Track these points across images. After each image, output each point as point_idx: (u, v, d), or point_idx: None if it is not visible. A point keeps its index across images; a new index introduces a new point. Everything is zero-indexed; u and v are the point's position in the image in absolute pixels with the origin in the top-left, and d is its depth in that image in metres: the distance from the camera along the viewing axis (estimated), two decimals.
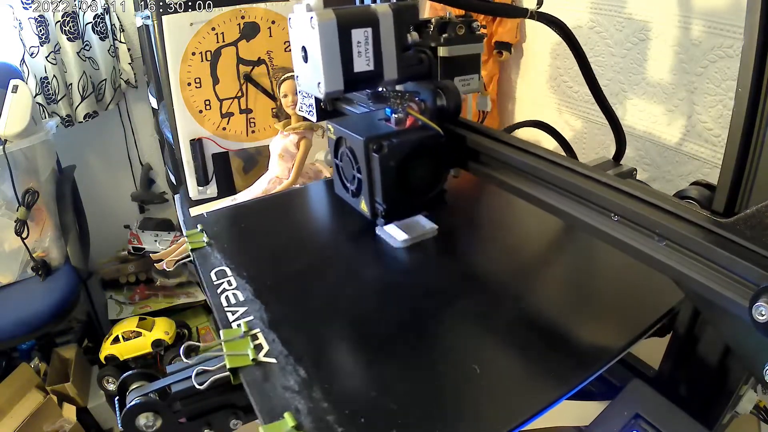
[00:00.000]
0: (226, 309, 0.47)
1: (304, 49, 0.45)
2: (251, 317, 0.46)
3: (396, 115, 0.50)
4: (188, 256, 0.59)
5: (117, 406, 0.42)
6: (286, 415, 0.35)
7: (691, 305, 0.41)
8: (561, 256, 0.59)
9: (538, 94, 1.15)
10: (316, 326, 0.46)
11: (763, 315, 0.28)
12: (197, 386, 0.39)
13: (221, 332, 0.44)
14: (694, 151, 0.85)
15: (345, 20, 0.43)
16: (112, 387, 1.36)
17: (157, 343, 1.40)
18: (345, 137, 0.50)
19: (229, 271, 0.53)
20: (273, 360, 0.41)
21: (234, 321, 0.45)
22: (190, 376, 0.40)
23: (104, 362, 1.39)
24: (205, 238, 0.59)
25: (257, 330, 0.44)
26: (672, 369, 0.44)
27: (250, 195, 0.95)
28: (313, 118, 0.63)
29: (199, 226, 0.61)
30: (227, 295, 0.49)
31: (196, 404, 0.42)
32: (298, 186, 0.79)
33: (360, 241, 0.59)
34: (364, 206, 0.51)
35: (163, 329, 1.43)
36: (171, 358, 1.41)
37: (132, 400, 0.40)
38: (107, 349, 1.38)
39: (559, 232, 0.61)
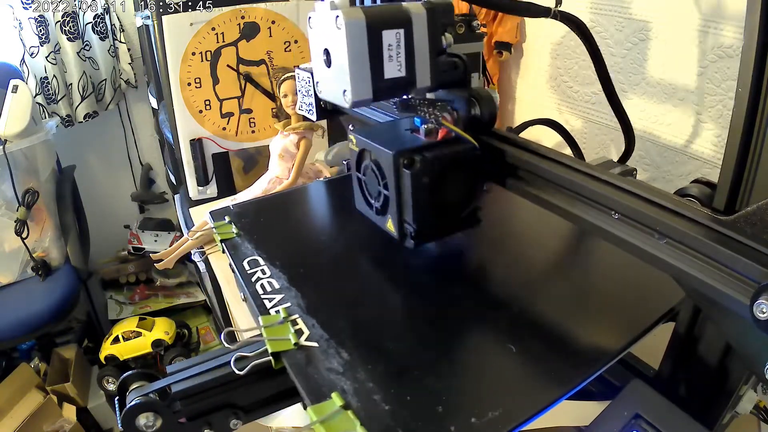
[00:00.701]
0: (262, 296, 0.48)
1: (326, 52, 0.40)
2: (289, 303, 0.46)
3: (426, 126, 0.46)
4: (189, 254, 0.59)
5: (117, 406, 0.42)
6: (334, 395, 0.35)
7: (692, 305, 0.41)
8: (561, 255, 0.59)
9: (538, 94, 1.15)
10: (352, 312, 0.47)
11: (764, 312, 0.28)
12: (237, 372, 0.39)
13: (260, 318, 0.44)
14: (694, 151, 0.85)
15: (375, 20, 0.38)
16: (112, 387, 1.36)
17: (157, 343, 1.40)
18: (370, 150, 0.46)
19: (261, 261, 0.53)
20: (314, 344, 0.41)
21: (272, 308, 0.46)
22: (191, 376, 0.40)
23: (104, 362, 1.39)
24: (234, 229, 0.59)
25: (296, 315, 0.45)
26: (672, 369, 0.44)
27: (250, 195, 0.95)
28: (313, 117, 0.63)
29: (227, 218, 0.62)
30: (262, 283, 0.50)
31: (196, 404, 0.42)
32: (323, 180, 0.79)
33: (382, 231, 0.59)
34: (390, 226, 0.47)
35: (163, 329, 1.43)
36: (171, 358, 1.41)
37: (132, 400, 0.40)
38: (107, 349, 1.39)
39: (558, 231, 0.61)
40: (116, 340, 1.39)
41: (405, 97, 0.49)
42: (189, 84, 1.14)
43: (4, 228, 1.27)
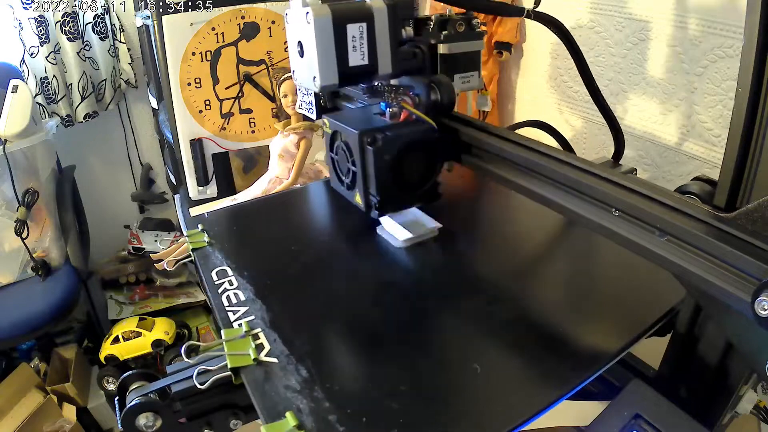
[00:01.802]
0: (227, 308, 0.47)
1: (300, 44, 0.46)
2: (252, 317, 0.46)
3: (390, 109, 0.51)
4: (189, 256, 0.59)
5: (117, 406, 0.42)
6: (288, 414, 0.35)
7: (691, 305, 0.41)
8: (561, 255, 0.59)
9: (538, 94, 1.15)
10: (317, 326, 0.46)
11: (765, 309, 0.28)
12: (198, 386, 0.39)
13: (222, 332, 0.44)
14: (694, 151, 0.84)
15: (340, 15, 0.43)
16: (112, 387, 1.36)
17: (157, 343, 1.40)
18: (340, 131, 0.51)
19: (230, 271, 0.53)
20: (274, 360, 0.41)
21: (235, 320, 0.45)
22: (191, 376, 0.40)
23: (104, 362, 1.39)
24: (206, 238, 0.59)
25: (258, 330, 0.44)
26: (672, 369, 0.44)
27: (250, 195, 0.95)
28: (313, 116, 0.63)
29: (200, 226, 0.61)
30: (228, 295, 0.49)
31: (196, 404, 0.42)
32: (298, 186, 0.79)
33: (361, 241, 0.59)
34: (358, 198, 0.51)
35: (163, 329, 1.43)
36: (171, 358, 1.41)
37: (132, 400, 0.40)
38: (107, 349, 1.38)
39: (558, 231, 0.61)
40: (116, 340, 1.39)
41: (373, 84, 0.54)
42: (189, 84, 1.14)
43: (4, 228, 1.27)
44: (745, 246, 0.30)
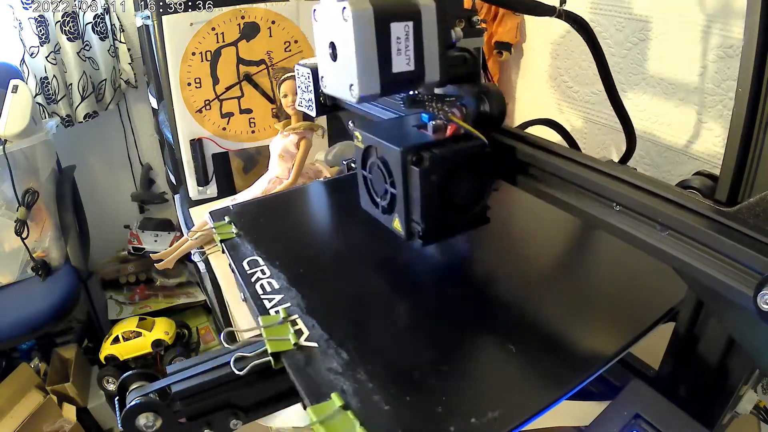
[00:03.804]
0: (262, 297, 0.48)
1: (332, 45, 0.39)
2: (288, 304, 0.47)
3: (435, 122, 0.44)
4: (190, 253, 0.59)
5: (117, 406, 0.42)
6: (333, 395, 0.35)
7: (691, 305, 0.41)
8: (561, 255, 0.59)
9: (538, 94, 1.15)
10: (353, 311, 0.47)
11: (767, 303, 0.28)
12: (237, 372, 0.39)
13: (259, 318, 0.44)
14: (694, 151, 0.84)
15: (383, 12, 0.37)
16: (112, 387, 1.36)
17: (157, 343, 1.40)
18: (376, 146, 0.45)
19: (261, 261, 0.53)
20: (314, 344, 0.41)
21: (271, 308, 0.46)
22: (191, 376, 0.40)
23: (104, 362, 1.39)
24: (234, 229, 0.59)
25: (296, 316, 0.45)
26: (672, 369, 0.44)
27: (250, 195, 0.95)
28: (313, 113, 0.63)
29: (227, 218, 0.62)
30: (262, 284, 0.50)
31: (196, 404, 0.42)
32: (321, 180, 0.79)
33: (383, 231, 0.59)
34: (397, 224, 0.45)
35: (163, 329, 1.43)
36: (171, 358, 1.41)
37: (132, 400, 0.40)
38: (107, 349, 1.39)
39: (558, 231, 0.61)
40: (116, 340, 1.39)
41: (412, 92, 0.48)
42: (189, 84, 1.14)
43: (4, 228, 1.27)
44: (747, 240, 0.30)
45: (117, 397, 0.42)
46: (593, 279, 0.54)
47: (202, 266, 1.22)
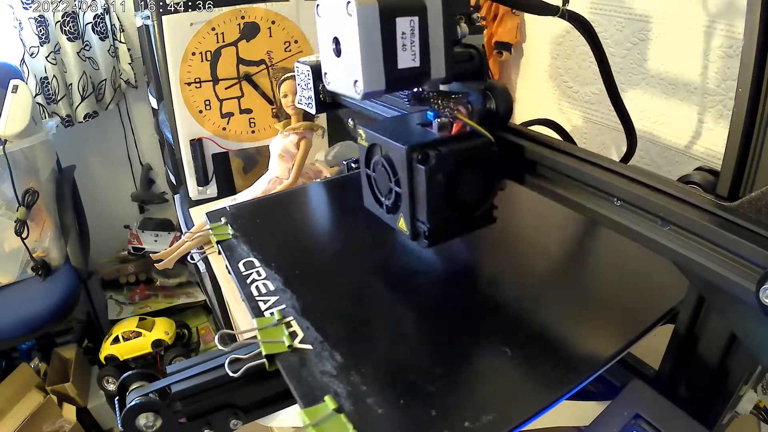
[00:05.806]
0: (257, 298, 0.48)
1: (336, 41, 0.38)
2: (283, 306, 0.46)
3: (440, 120, 0.43)
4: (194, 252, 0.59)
5: (117, 406, 0.42)
6: (327, 398, 0.35)
7: (692, 305, 0.41)
8: (561, 255, 0.59)
9: (538, 94, 1.15)
10: (348, 313, 0.47)
11: None
12: (231, 374, 0.39)
13: (254, 320, 0.44)
14: (694, 151, 0.84)
15: (388, 6, 0.36)
16: (112, 387, 1.36)
17: (157, 343, 1.40)
18: (381, 145, 0.44)
19: (257, 262, 0.53)
20: (308, 346, 0.41)
21: (266, 310, 0.46)
22: (191, 376, 0.40)
23: (104, 362, 1.39)
24: (231, 231, 0.59)
25: (290, 318, 0.45)
26: (672, 369, 0.44)
27: (250, 195, 0.95)
28: (312, 111, 0.63)
29: (223, 219, 0.62)
30: (257, 285, 0.50)
31: (196, 404, 0.42)
32: (318, 181, 0.79)
33: (380, 233, 0.59)
34: (402, 224, 0.44)
35: (163, 329, 1.43)
36: (171, 358, 1.41)
37: (132, 400, 0.40)
38: (107, 349, 1.39)
39: (557, 231, 0.61)
40: (116, 340, 1.39)
41: (416, 89, 0.47)
42: (189, 84, 1.14)
43: (4, 228, 1.27)
44: (749, 234, 0.30)
45: (117, 397, 0.42)
46: (593, 279, 0.54)
47: (201, 266, 1.22)
